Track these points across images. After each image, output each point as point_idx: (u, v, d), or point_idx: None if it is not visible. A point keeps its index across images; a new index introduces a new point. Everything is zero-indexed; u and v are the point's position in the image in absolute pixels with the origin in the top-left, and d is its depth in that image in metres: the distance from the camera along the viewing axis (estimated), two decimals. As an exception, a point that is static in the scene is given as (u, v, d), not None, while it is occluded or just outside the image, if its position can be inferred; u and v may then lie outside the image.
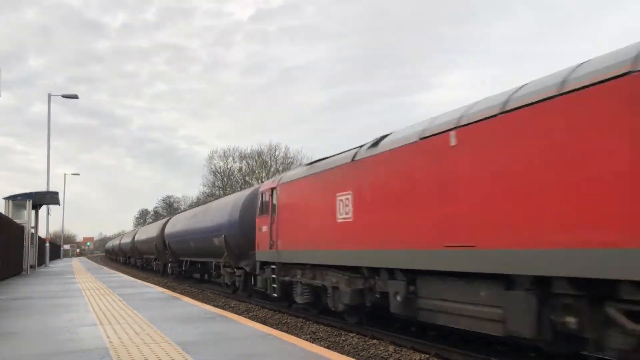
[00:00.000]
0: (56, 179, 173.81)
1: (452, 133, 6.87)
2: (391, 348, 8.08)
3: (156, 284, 19.32)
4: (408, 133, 7.99)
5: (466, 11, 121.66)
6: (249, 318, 11.22)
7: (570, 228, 5.18)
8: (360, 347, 8.39)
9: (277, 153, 50.98)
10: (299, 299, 11.43)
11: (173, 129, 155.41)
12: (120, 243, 53.98)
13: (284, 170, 47.49)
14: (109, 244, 77.78)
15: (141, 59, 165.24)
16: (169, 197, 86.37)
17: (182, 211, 35.48)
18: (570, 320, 5.38)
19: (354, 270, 9.26)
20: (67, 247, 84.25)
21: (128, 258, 47.39)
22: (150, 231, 32.76)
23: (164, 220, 30.90)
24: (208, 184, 56.39)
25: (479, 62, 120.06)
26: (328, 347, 7.96)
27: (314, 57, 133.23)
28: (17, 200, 23.65)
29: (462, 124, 6.78)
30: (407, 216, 7.61)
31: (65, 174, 52.28)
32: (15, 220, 22.01)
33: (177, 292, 15.89)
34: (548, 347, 5.92)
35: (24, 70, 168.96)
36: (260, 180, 47.34)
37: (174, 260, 25.64)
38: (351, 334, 9.43)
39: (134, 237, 39.68)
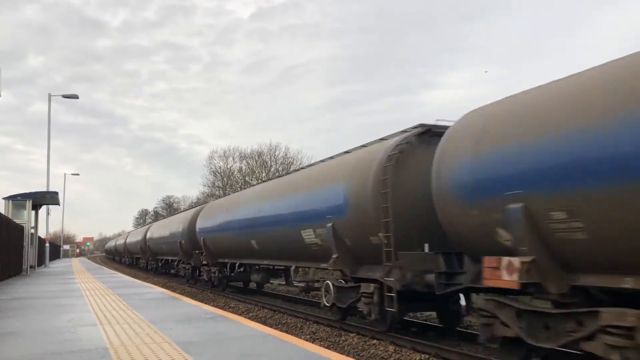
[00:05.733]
0: (56, 179, 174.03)
1: None
2: (391, 348, 8.07)
3: (156, 284, 19.32)
4: None
5: (468, 10, 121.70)
6: (249, 318, 11.22)
7: None
8: (360, 347, 8.39)
9: (277, 153, 50.93)
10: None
11: (173, 129, 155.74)
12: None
13: (284, 170, 47.45)
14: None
15: (141, 57, 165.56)
16: (169, 197, 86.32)
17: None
18: None
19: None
20: (67, 247, 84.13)
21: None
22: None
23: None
24: (208, 184, 56.35)
25: (481, 62, 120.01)
26: (328, 347, 7.96)
27: (315, 56, 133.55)
28: (17, 200, 23.64)
29: None
30: None
31: (65, 174, 52.30)
32: (15, 221, 22.00)
33: (177, 292, 15.90)
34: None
35: (23, 69, 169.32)
36: (260, 180, 47.28)
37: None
38: (351, 334, 9.44)
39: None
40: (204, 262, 19.23)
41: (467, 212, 6.48)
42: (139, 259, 38.48)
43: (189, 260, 22.00)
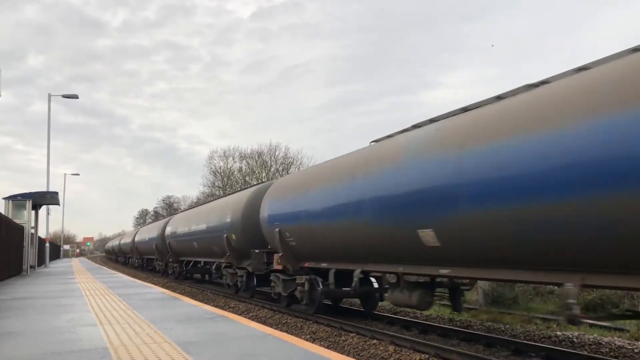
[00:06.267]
0: (56, 179, 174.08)
1: None
2: (391, 348, 8.07)
3: (156, 284, 19.31)
4: None
5: (468, 10, 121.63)
6: (249, 318, 11.22)
7: None
8: (360, 347, 8.39)
9: (277, 153, 50.93)
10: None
11: (173, 129, 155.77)
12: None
13: (284, 170, 47.40)
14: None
15: (141, 57, 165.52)
16: (169, 197, 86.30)
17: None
18: None
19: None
20: (67, 247, 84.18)
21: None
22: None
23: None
24: (208, 184, 56.36)
25: (481, 62, 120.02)
26: (328, 347, 7.96)
27: (315, 56, 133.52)
28: (17, 200, 23.64)
29: None
30: None
31: (65, 174, 52.44)
32: (15, 221, 22.00)
33: (177, 292, 15.89)
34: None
35: (23, 69, 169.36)
36: (260, 181, 47.26)
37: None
38: (351, 334, 9.43)
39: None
40: (279, 267, 12.41)
41: None
42: (153, 261, 32.22)
43: (242, 264, 15.46)
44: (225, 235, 15.89)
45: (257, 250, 13.89)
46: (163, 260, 28.00)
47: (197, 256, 21.32)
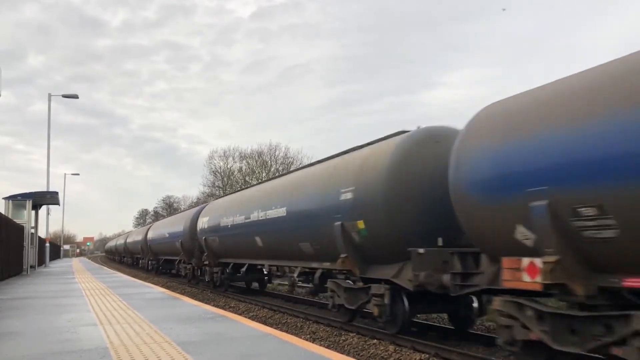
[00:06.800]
0: (56, 179, 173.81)
1: None
2: (391, 348, 8.07)
3: (156, 284, 19.31)
4: None
5: (468, 10, 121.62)
6: (249, 318, 11.21)
7: None
8: (360, 347, 8.39)
9: (277, 153, 50.96)
10: None
11: (173, 129, 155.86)
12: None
13: (284, 170, 47.36)
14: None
15: (141, 57, 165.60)
16: (169, 197, 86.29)
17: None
18: None
19: None
20: (67, 247, 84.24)
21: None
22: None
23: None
24: (208, 184, 56.37)
25: (481, 62, 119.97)
26: (328, 347, 7.96)
27: (315, 56, 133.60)
28: (17, 200, 23.65)
29: None
30: None
31: (65, 174, 52.42)
32: (15, 221, 22.00)
33: (177, 292, 15.89)
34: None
35: (23, 69, 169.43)
36: (260, 180, 47.15)
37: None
38: (351, 334, 9.43)
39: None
40: (531, 286, 5.57)
41: None
42: (175, 263, 25.20)
43: (372, 273, 9.04)
44: (340, 224, 9.33)
45: (421, 250, 7.60)
46: (191, 262, 21.51)
47: (260, 258, 14.34)
